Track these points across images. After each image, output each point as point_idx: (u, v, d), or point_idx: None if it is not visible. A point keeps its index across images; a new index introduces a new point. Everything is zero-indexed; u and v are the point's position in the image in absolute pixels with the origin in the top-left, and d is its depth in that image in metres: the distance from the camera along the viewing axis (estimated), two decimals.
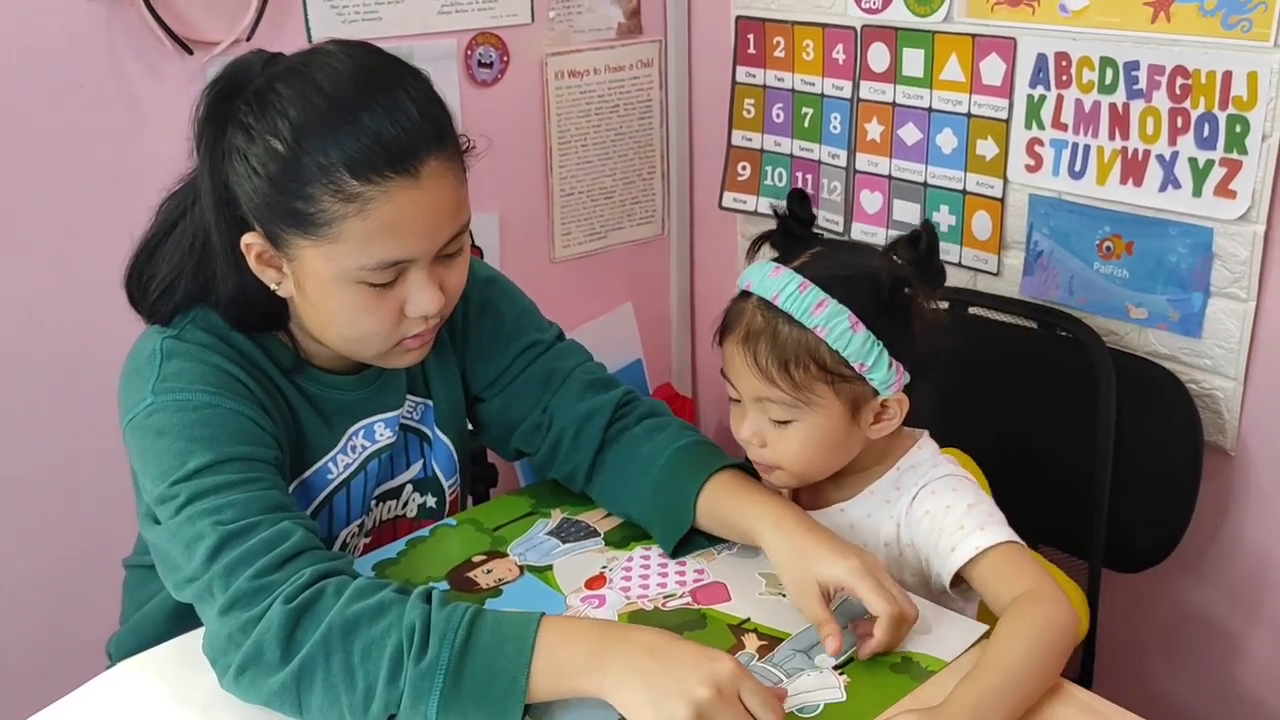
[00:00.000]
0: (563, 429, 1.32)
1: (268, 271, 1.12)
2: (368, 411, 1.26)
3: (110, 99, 1.69)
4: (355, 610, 0.99)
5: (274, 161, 1.05)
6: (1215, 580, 1.68)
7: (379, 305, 1.11)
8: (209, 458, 1.06)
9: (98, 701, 1.08)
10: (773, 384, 1.16)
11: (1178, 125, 1.52)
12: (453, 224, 1.11)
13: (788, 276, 1.16)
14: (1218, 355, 1.57)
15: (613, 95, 2.23)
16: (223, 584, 1.01)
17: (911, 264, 1.18)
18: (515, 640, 0.99)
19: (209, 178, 1.10)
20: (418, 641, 0.97)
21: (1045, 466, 1.59)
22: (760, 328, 1.17)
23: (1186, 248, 1.56)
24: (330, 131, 1.04)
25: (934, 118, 1.82)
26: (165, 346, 1.14)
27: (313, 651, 0.98)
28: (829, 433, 1.19)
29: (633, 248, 2.35)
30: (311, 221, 1.06)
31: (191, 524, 1.04)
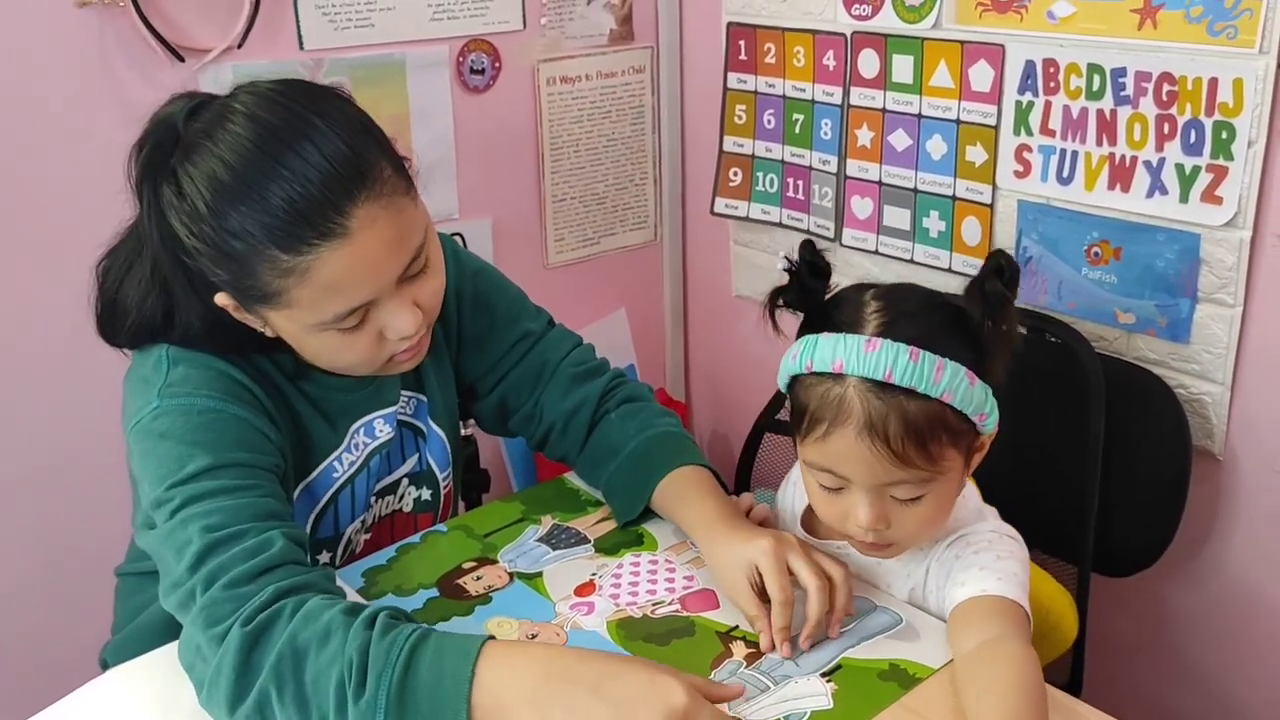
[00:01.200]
0: (552, 423, 1.38)
1: (248, 318, 1.13)
2: (367, 409, 1.27)
3: (103, 107, 1.69)
4: (304, 637, 0.98)
5: (208, 244, 1.06)
6: (1205, 584, 1.68)
7: (354, 342, 1.12)
8: (207, 462, 1.07)
9: (88, 708, 1.09)
10: (908, 466, 1.06)
11: (1164, 131, 1.53)
12: (403, 254, 1.09)
13: (891, 348, 1.05)
14: (1205, 360, 1.57)
15: (605, 101, 2.23)
16: (201, 591, 1.02)
17: (998, 296, 1.09)
18: (453, 675, 0.96)
19: (159, 240, 1.09)
20: (355, 679, 0.95)
21: (1034, 471, 1.59)
22: (882, 412, 1.05)
23: (1174, 253, 1.56)
24: (245, 211, 1.03)
25: (924, 124, 1.83)
26: (171, 354, 1.15)
27: (265, 685, 0.97)
28: (953, 492, 1.13)
29: (625, 253, 2.36)
30: (259, 293, 1.07)
31: (183, 528, 1.04)
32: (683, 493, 1.27)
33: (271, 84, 1.10)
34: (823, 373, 1.09)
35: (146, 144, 1.09)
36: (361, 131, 1.08)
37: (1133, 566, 1.59)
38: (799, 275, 1.15)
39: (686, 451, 1.33)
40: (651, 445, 1.33)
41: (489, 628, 1.16)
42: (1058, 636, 1.46)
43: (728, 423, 2.45)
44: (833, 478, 1.11)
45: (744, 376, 2.33)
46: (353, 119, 1.09)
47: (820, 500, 1.15)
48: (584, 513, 1.37)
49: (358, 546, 1.34)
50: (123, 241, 1.19)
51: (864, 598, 1.20)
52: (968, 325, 1.09)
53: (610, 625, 1.16)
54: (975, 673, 1.03)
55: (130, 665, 1.14)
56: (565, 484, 1.45)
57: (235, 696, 0.98)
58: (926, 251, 1.88)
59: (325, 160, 1.03)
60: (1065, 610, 1.47)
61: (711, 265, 2.35)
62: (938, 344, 1.06)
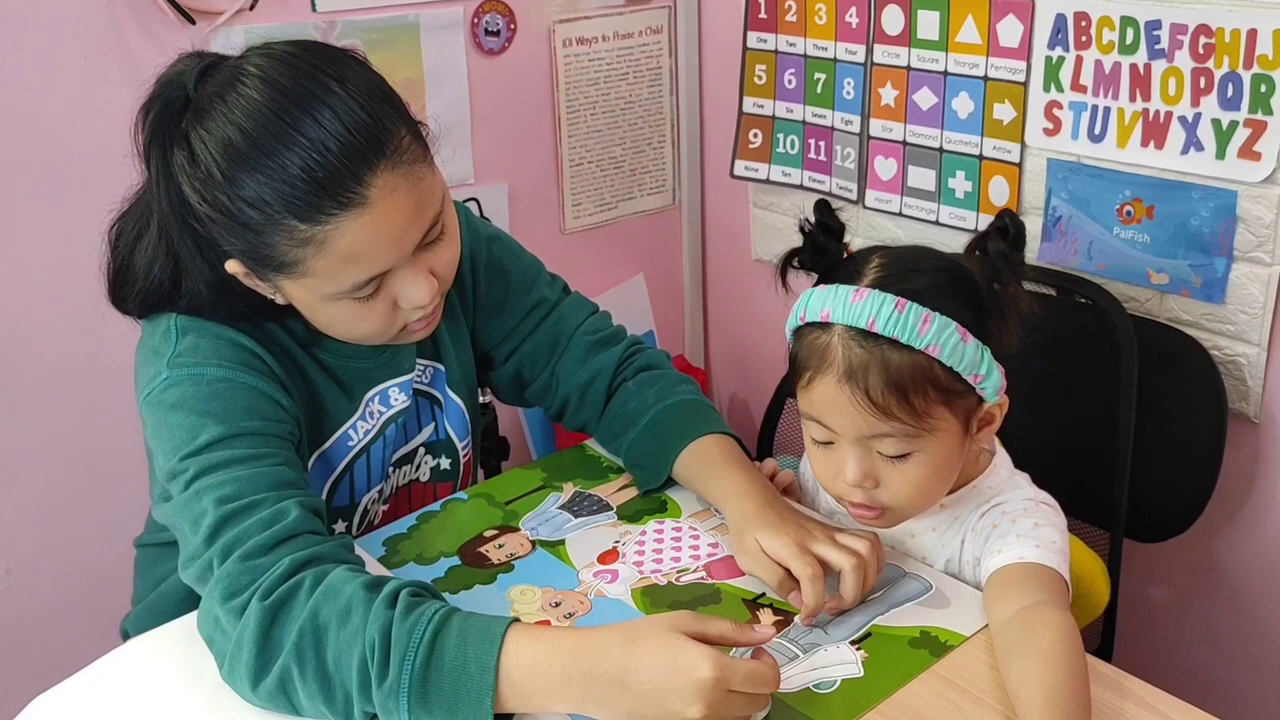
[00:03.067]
0: (569, 393, 1.36)
1: (260, 286, 1.11)
2: (382, 377, 1.25)
3: (113, 71, 1.66)
4: (325, 614, 0.97)
5: (221, 212, 1.03)
6: (1238, 549, 1.65)
7: (369, 311, 1.10)
8: (220, 432, 1.06)
9: (109, 678, 1.07)
10: (890, 418, 1.04)
11: (1200, 86, 1.49)
12: (421, 223, 1.08)
13: (878, 297, 1.04)
14: (1241, 321, 1.54)
15: (622, 63, 2.19)
16: (218, 563, 1.01)
17: (1000, 256, 1.07)
18: (478, 660, 0.95)
19: (167, 206, 1.07)
20: (378, 660, 0.94)
21: (1066, 436, 1.56)
22: (863, 360, 1.04)
23: (1209, 211, 1.52)
24: (262, 179, 1.00)
25: (950, 81, 1.79)
26: (180, 324, 1.13)
27: (286, 662, 0.96)
28: (948, 457, 1.10)
29: (644, 218, 2.33)
30: (275, 262, 1.05)
31: (198, 499, 1.03)
32: (708, 464, 1.25)
33: (286, 45, 1.07)
34: (813, 323, 1.09)
35: (154, 106, 1.06)
36: (380, 98, 1.05)
37: (1166, 532, 1.56)
38: (813, 236, 1.13)
39: (708, 420, 1.31)
40: (671, 414, 1.31)
41: (512, 595, 1.14)
42: (1089, 603, 1.43)
43: (748, 389, 2.42)
44: (821, 429, 1.10)
45: (764, 342, 2.30)
46: (370, 84, 1.06)
47: (815, 456, 1.14)
48: (606, 479, 1.35)
49: (375, 517, 1.32)
50: (134, 206, 1.17)
51: (894, 565, 1.18)
52: (970, 284, 1.07)
53: (635, 593, 1.14)
54: (1014, 639, 1.01)
55: (151, 635, 1.12)
56: (586, 451, 1.43)
57: (257, 672, 0.97)
58: (952, 213, 1.84)
59: (344, 128, 1.01)
60: (1097, 576, 1.45)
61: (731, 229, 2.32)
62: (927, 299, 1.04)
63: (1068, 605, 1.05)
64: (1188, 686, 1.00)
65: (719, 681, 0.91)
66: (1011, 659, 1.00)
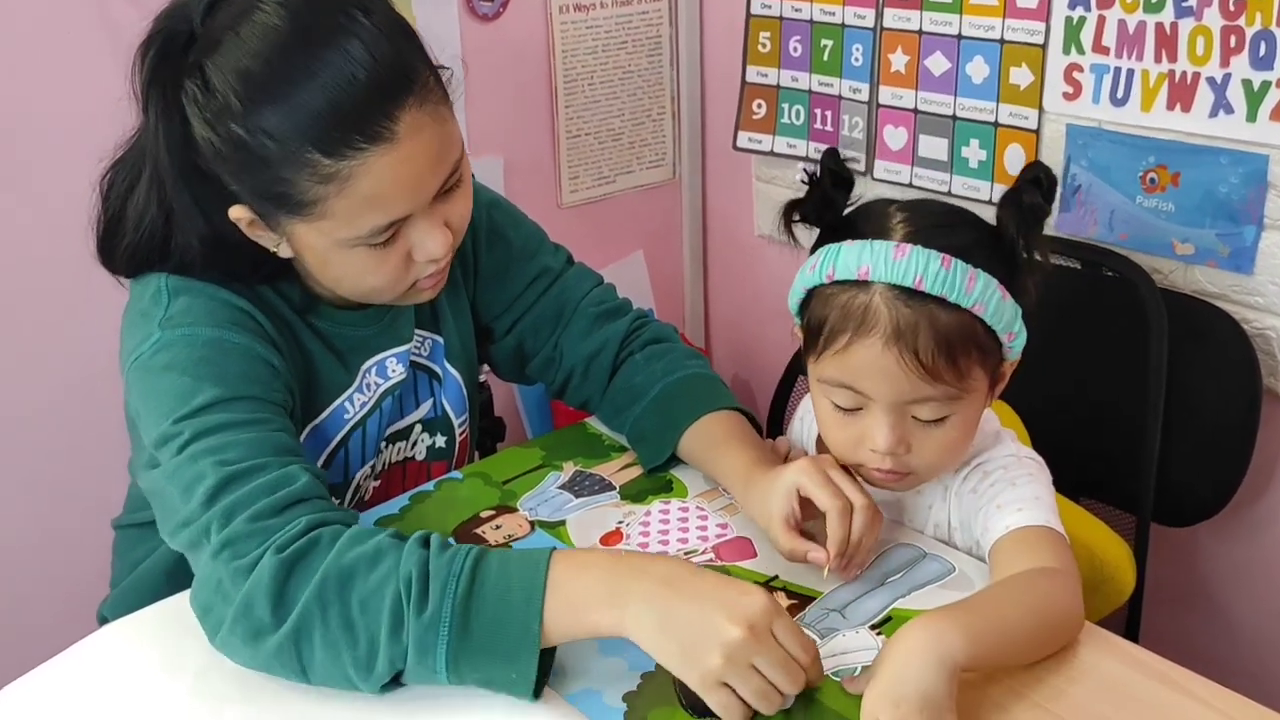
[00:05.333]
0: (573, 366, 1.31)
1: (263, 236, 1.06)
2: (379, 346, 1.21)
3: (95, 38, 1.58)
4: (350, 558, 0.92)
5: (237, 147, 0.98)
6: (1266, 533, 1.59)
7: (383, 262, 1.05)
8: (216, 394, 1.01)
9: (86, 664, 1.01)
10: (937, 381, 0.99)
11: (1230, 45, 1.42)
12: (443, 168, 1.04)
13: (922, 253, 0.98)
14: (1271, 292, 1.48)
15: (620, 31, 2.13)
16: (219, 526, 0.95)
17: (1034, 209, 1.02)
18: (524, 584, 0.91)
19: (166, 150, 1.01)
20: (416, 592, 0.90)
21: (1090, 415, 1.51)
22: (911, 320, 0.98)
23: (1238, 177, 1.46)
24: (286, 110, 0.95)
25: (964, 45, 1.72)
26: (171, 284, 1.08)
27: (308, 607, 0.90)
28: (976, 417, 1.06)
29: (643, 192, 2.27)
30: (293, 202, 1.00)
31: (193, 463, 0.97)
32: (716, 440, 1.19)
33: None
34: (845, 281, 1.02)
35: (156, 42, 1.00)
36: (404, 33, 1.01)
37: (1195, 516, 1.51)
38: (820, 185, 1.07)
39: (717, 395, 1.25)
40: (679, 388, 1.25)
41: None
42: (1112, 589, 1.38)
43: (750, 369, 2.36)
44: (851, 395, 1.04)
45: (767, 319, 2.24)
46: (394, 19, 1.01)
47: (833, 425, 1.08)
48: (608, 458, 1.29)
49: (366, 494, 1.26)
50: (127, 153, 1.10)
51: (914, 546, 1.13)
52: (999, 240, 1.02)
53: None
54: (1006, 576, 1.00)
55: (129, 619, 1.07)
56: (587, 429, 1.36)
57: (269, 626, 0.91)
58: (965, 183, 1.78)
59: (371, 58, 0.96)
60: (1121, 561, 1.39)
61: (733, 203, 2.26)
62: (970, 255, 1.00)
63: (1067, 559, 1.01)
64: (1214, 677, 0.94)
65: (767, 613, 0.88)
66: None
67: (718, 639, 0.86)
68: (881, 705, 0.85)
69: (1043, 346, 1.31)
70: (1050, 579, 0.98)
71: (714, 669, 0.87)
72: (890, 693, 0.85)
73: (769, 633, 0.88)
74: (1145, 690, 0.93)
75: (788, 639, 0.89)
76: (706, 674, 0.87)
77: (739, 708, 0.88)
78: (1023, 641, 0.94)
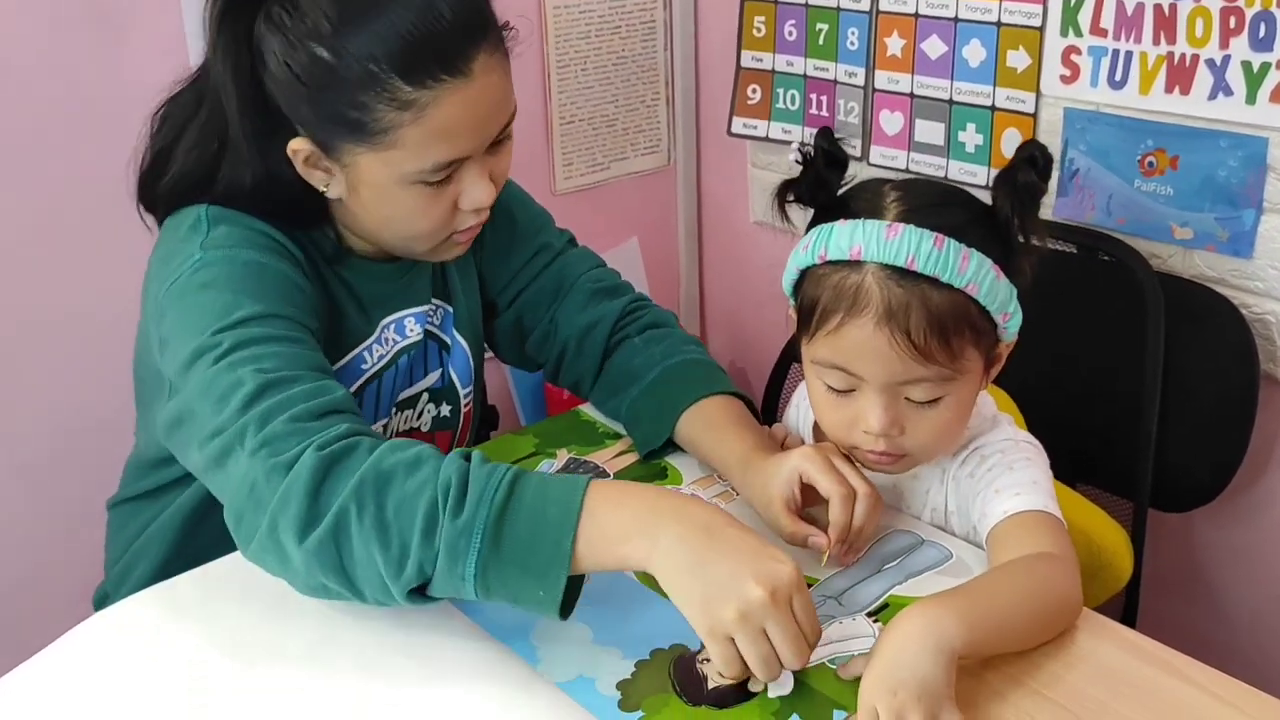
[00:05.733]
0: (567, 339, 1.32)
1: (315, 174, 1.09)
2: (400, 304, 1.24)
3: (81, 15, 1.56)
4: (390, 462, 0.92)
5: (320, 69, 1.02)
6: (1263, 519, 1.58)
7: (434, 204, 1.10)
8: (256, 309, 1.02)
9: (78, 653, 0.99)
10: (930, 362, 0.98)
11: (1230, 26, 1.41)
12: (503, 115, 1.09)
13: (914, 233, 0.97)
14: (1270, 277, 1.46)
15: (614, 15, 2.10)
16: (256, 428, 0.95)
17: (1029, 188, 1.01)
18: (560, 503, 0.91)
19: (232, 81, 1.05)
20: (454, 498, 0.90)
21: (1087, 400, 1.50)
22: (903, 300, 0.97)
23: (1238, 160, 1.45)
24: (376, 35, 1.00)
25: (960, 28, 1.70)
26: (211, 213, 1.10)
27: (344, 505, 0.90)
28: (970, 399, 1.05)
29: (637, 179, 2.24)
30: (366, 129, 1.03)
31: (231, 370, 0.98)
32: (716, 423, 1.19)
33: None
34: (838, 261, 1.01)
35: None
36: None
37: (1192, 501, 1.50)
38: (814, 165, 1.06)
39: (716, 379, 1.25)
40: (678, 372, 1.25)
41: None
42: (1109, 575, 1.37)
43: (745, 356, 2.35)
44: (844, 377, 1.03)
45: (762, 307, 2.22)
46: None
47: (827, 406, 1.07)
48: (602, 445, 1.28)
49: None
50: (184, 90, 1.14)
51: (911, 532, 1.12)
52: (993, 219, 1.01)
53: None
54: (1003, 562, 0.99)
55: (120, 606, 1.05)
56: (581, 416, 1.35)
57: (306, 523, 0.90)
58: (962, 168, 1.76)
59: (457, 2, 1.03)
60: (1118, 548, 1.38)
61: (728, 190, 2.24)
62: (963, 234, 0.98)
63: (1066, 545, 1.00)
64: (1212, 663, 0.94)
65: (791, 583, 0.88)
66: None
67: (739, 594, 0.86)
68: (878, 692, 0.84)
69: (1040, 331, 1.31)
70: (1048, 564, 0.97)
71: (727, 621, 0.87)
72: (887, 679, 0.84)
73: (788, 603, 0.88)
74: (1142, 676, 0.92)
75: (804, 614, 0.89)
76: (717, 624, 0.87)
77: (738, 664, 0.88)
78: (1020, 627, 0.93)
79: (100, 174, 1.59)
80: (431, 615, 1.00)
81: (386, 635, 0.98)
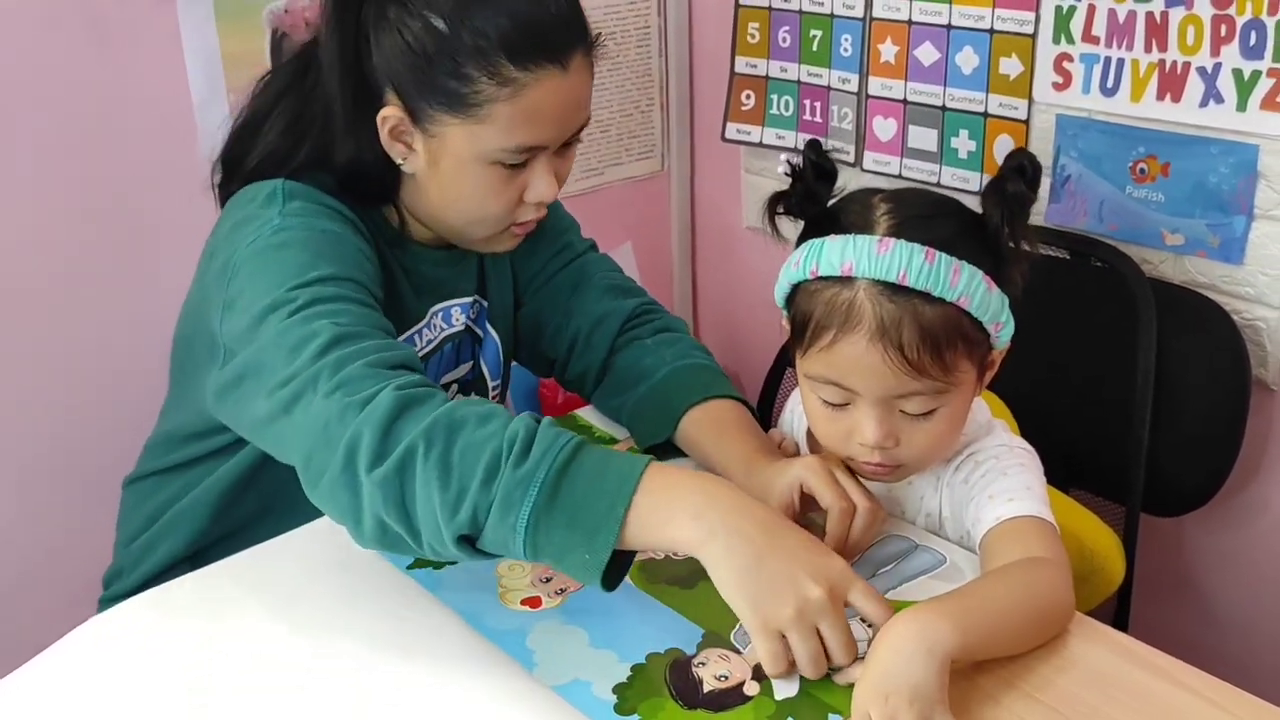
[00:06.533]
0: (578, 329, 1.35)
1: (397, 146, 1.14)
2: (449, 293, 1.29)
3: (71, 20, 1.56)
4: (463, 412, 0.94)
5: (432, 38, 1.08)
6: (1254, 524, 1.59)
7: (504, 188, 1.15)
8: (332, 270, 1.06)
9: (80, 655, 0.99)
10: (923, 376, 0.99)
11: (1221, 34, 1.42)
12: (582, 116, 1.16)
13: (905, 248, 0.97)
14: (1261, 283, 1.47)
15: (608, 21, 2.11)
16: (331, 372, 0.97)
17: (1018, 198, 1.01)
18: (620, 473, 0.92)
19: (337, 48, 1.11)
20: (519, 449, 0.91)
21: (1079, 405, 1.51)
22: (895, 316, 0.98)
23: (1229, 167, 1.46)
24: (494, 15, 1.07)
25: (953, 35, 1.71)
26: (287, 187, 1.14)
27: (413, 442, 0.91)
28: (965, 408, 1.06)
29: (632, 184, 2.25)
30: (464, 101, 1.09)
31: (307, 323, 1.00)
32: (722, 425, 1.20)
33: None
34: (830, 277, 1.01)
35: None
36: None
37: (1183, 506, 1.50)
38: (803, 178, 1.06)
39: (723, 385, 1.26)
40: (686, 374, 1.27)
41: (500, 570, 1.07)
42: (1101, 580, 1.37)
43: (739, 361, 2.35)
44: (838, 391, 1.03)
45: (756, 312, 2.23)
46: None
47: (822, 419, 1.07)
48: None
49: None
50: (290, 61, 1.21)
51: (905, 537, 1.12)
52: (984, 229, 1.01)
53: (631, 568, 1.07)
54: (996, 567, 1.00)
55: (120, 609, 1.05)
56: (577, 420, 1.36)
57: (377, 454, 0.92)
58: (955, 174, 1.77)
59: (571, 3, 1.13)
60: (1110, 552, 1.38)
61: (721, 195, 2.24)
62: (954, 247, 0.99)
63: (1059, 551, 1.01)
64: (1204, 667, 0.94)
65: (846, 579, 0.91)
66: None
67: (797, 592, 0.88)
68: (871, 698, 0.84)
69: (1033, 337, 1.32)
70: (1040, 569, 0.97)
71: (782, 619, 0.88)
72: (880, 685, 0.85)
73: (842, 601, 0.90)
74: (1134, 679, 0.93)
75: (866, 606, 0.91)
76: (771, 619, 0.88)
77: (785, 661, 0.90)
78: (1013, 632, 0.93)
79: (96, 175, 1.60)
80: (428, 618, 1.00)
81: (384, 637, 0.98)
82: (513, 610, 1.02)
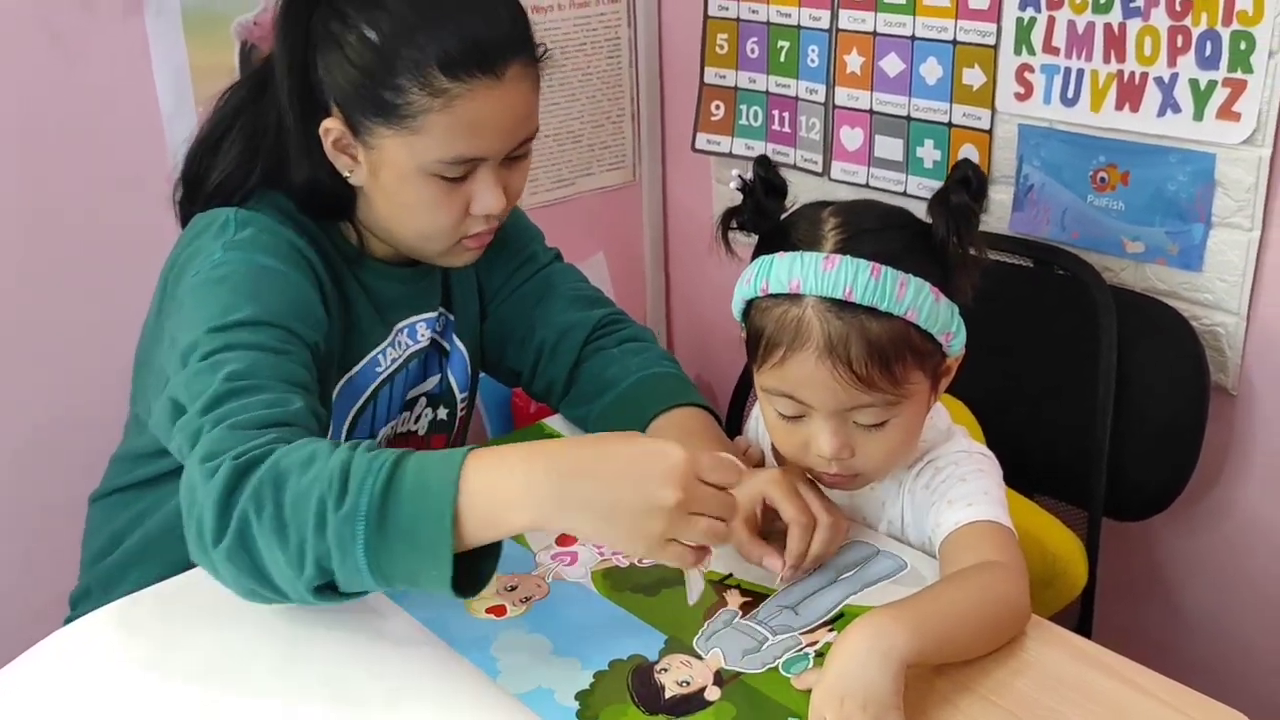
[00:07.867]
0: (543, 340, 1.35)
1: (342, 158, 1.15)
2: (413, 309, 1.28)
3: (38, 33, 1.55)
4: (285, 463, 0.92)
5: (367, 51, 1.09)
6: (1216, 527, 1.61)
7: (447, 200, 1.14)
8: (253, 314, 1.05)
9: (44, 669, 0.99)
10: (873, 389, 1.00)
11: (1177, 44, 1.44)
12: (525, 128, 1.15)
13: (851, 264, 0.98)
14: (1219, 290, 1.49)
15: (578, 33, 2.12)
16: (208, 429, 0.96)
17: (963, 209, 1.02)
18: (440, 478, 0.90)
19: (286, 63, 1.12)
20: (337, 488, 0.89)
21: (1042, 411, 1.52)
22: (842, 332, 0.99)
23: (1186, 176, 1.47)
24: (427, 27, 1.08)
25: (917, 46, 1.73)
26: (240, 216, 1.14)
27: (245, 509, 0.90)
28: (919, 417, 1.07)
29: (603, 195, 2.25)
30: (397, 112, 1.09)
31: (211, 372, 1.01)
32: (687, 431, 1.21)
33: None
34: (779, 294, 1.02)
35: None
36: (524, 9, 1.15)
37: (1145, 510, 1.52)
38: (753, 194, 1.08)
39: (689, 394, 1.27)
40: (652, 383, 1.28)
41: None
42: (1064, 584, 1.39)
43: (711, 370, 2.36)
44: (793, 404, 1.04)
45: (728, 321, 2.19)
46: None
47: (780, 431, 1.09)
48: None
49: None
50: (250, 76, 1.22)
51: (866, 542, 1.13)
52: (932, 241, 1.02)
53: (595, 575, 1.08)
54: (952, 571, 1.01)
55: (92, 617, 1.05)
56: (545, 429, 1.37)
57: (217, 531, 0.91)
58: (920, 183, 1.79)
59: (506, 12, 1.12)
60: (1073, 556, 1.40)
61: (693, 205, 2.25)
62: (900, 260, 1.00)
63: (1014, 555, 1.02)
64: (1170, 669, 0.96)
65: (690, 463, 0.90)
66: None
67: (655, 506, 0.88)
68: (827, 701, 0.86)
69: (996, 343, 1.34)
70: (995, 573, 0.99)
71: (659, 533, 0.89)
72: (835, 689, 0.86)
73: (696, 480, 0.90)
74: (1091, 682, 0.94)
75: (715, 475, 0.91)
76: (652, 540, 0.89)
77: (690, 553, 0.91)
78: (969, 635, 0.94)
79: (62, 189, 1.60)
80: (394, 626, 1.01)
81: (350, 647, 0.98)
82: (477, 618, 1.03)
